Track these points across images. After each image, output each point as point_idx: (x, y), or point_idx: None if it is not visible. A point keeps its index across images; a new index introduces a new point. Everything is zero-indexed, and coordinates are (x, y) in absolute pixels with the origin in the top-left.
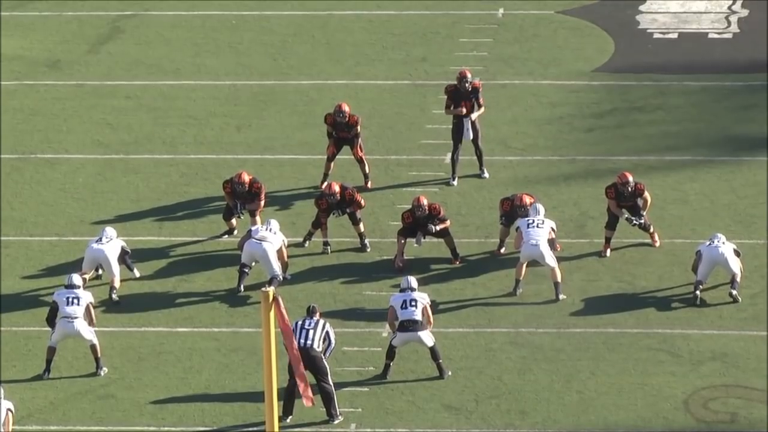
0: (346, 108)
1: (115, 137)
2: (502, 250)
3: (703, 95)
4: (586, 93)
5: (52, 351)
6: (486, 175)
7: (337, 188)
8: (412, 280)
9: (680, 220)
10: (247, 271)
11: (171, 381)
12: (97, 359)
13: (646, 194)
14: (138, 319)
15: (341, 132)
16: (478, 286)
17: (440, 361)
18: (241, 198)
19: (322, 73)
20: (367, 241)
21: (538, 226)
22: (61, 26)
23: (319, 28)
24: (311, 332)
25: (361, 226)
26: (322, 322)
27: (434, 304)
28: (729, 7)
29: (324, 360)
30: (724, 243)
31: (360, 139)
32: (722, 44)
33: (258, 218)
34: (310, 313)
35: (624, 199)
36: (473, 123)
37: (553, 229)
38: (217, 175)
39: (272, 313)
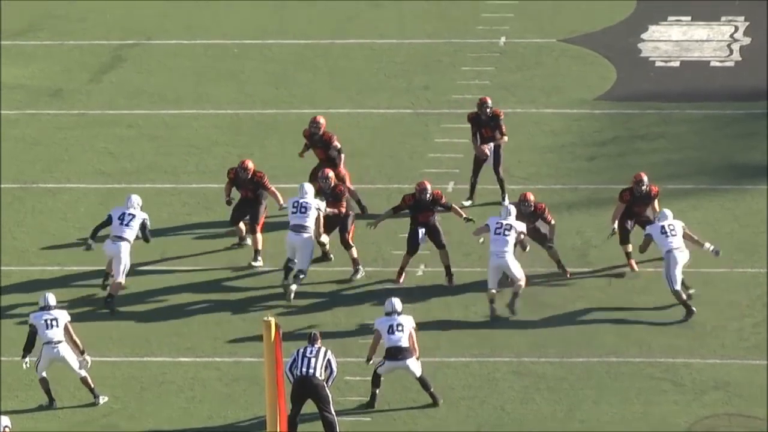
0: (321, 120)
1: (117, 166)
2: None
3: (705, 123)
4: (588, 121)
5: (45, 382)
6: (506, 202)
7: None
8: (397, 303)
9: None
10: (292, 266)
11: (173, 411)
12: (91, 390)
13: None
14: (140, 348)
15: (317, 148)
16: (480, 314)
17: (431, 390)
18: (243, 186)
19: (324, 102)
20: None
21: (504, 234)
22: (63, 55)
23: (321, 57)
24: (313, 360)
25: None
26: (323, 350)
27: (436, 332)
28: (731, 35)
29: (326, 388)
30: (679, 248)
31: (343, 156)
32: (724, 72)
33: (258, 234)
34: (312, 340)
35: (637, 201)
36: (496, 149)
37: (522, 233)
38: (219, 204)
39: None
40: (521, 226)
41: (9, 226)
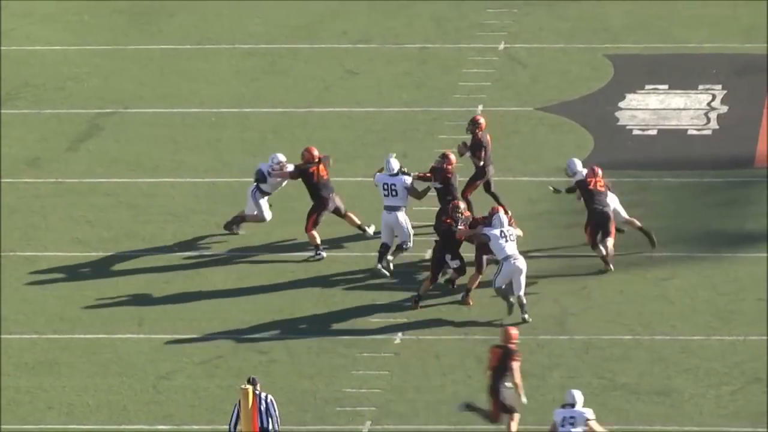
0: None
1: (95, 235)
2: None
3: (682, 191)
4: None
5: None
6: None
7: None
8: (578, 395)
9: (660, 316)
10: (384, 250)
11: None
12: None
13: None
14: (117, 416)
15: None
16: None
17: None
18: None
19: None
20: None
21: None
22: (40, 124)
23: (299, 126)
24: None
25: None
26: (263, 397)
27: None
28: (708, 104)
29: None
30: (517, 259)
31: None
32: (702, 140)
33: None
34: (252, 384)
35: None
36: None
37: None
38: (197, 273)
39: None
40: (518, 230)
41: None
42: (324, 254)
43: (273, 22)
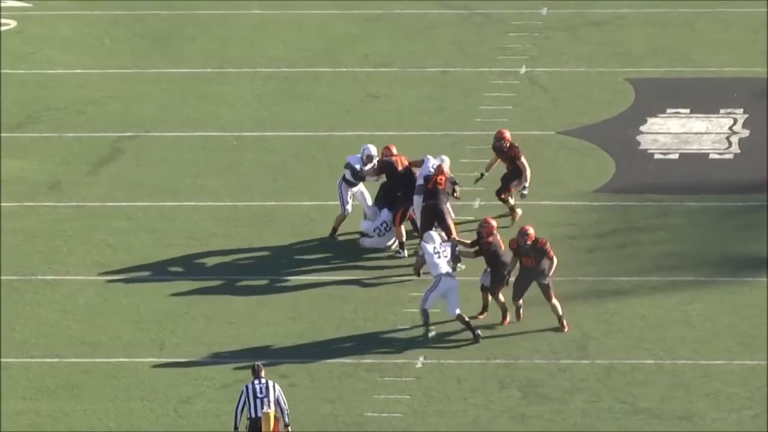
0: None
1: (116, 258)
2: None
3: (704, 215)
4: (588, 213)
5: None
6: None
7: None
8: None
9: (682, 340)
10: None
11: None
12: None
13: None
14: None
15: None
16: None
17: None
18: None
19: (323, 194)
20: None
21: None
22: (62, 147)
23: (320, 149)
24: (265, 400)
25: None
26: (271, 385)
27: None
28: (730, 128)
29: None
30: (450, 275)
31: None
32: (723, 165)
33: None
34: (256, 373)
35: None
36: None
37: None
38: (218, 297)
39: None
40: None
41: (8, 318)
42: (405, 253)
43: (294, 46)
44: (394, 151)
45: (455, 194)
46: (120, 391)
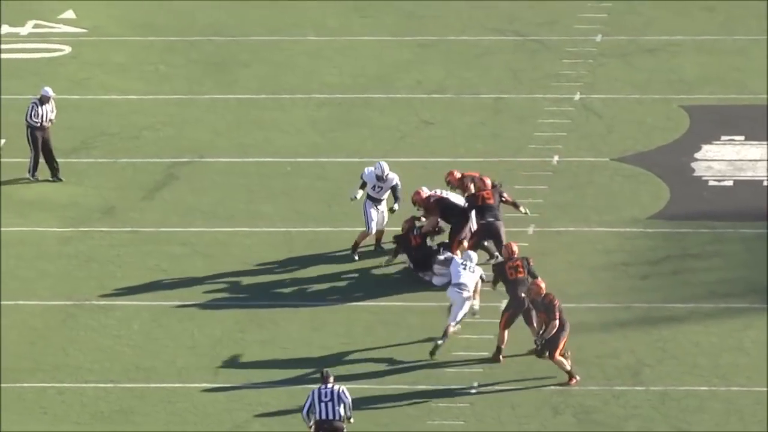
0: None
1: (170, 283)
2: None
3: (758, 242)
4: (642, 240)
5: None
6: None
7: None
8: None
9: (736, 367)
10: None
11: None
12: None
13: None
14: None
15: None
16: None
17: None
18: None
19: None
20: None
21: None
22: (116, 173)
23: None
24: (330, 404)
25: None
26: (337, 389)
27: None
28: None
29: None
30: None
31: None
32: None
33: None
34: (324, 380)
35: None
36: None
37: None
38: (272, 322)
39: None
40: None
41: (62, 343)
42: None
43: (348, 72)
44: (457, 174)
45: (508, 198)
46: (174, 416)
